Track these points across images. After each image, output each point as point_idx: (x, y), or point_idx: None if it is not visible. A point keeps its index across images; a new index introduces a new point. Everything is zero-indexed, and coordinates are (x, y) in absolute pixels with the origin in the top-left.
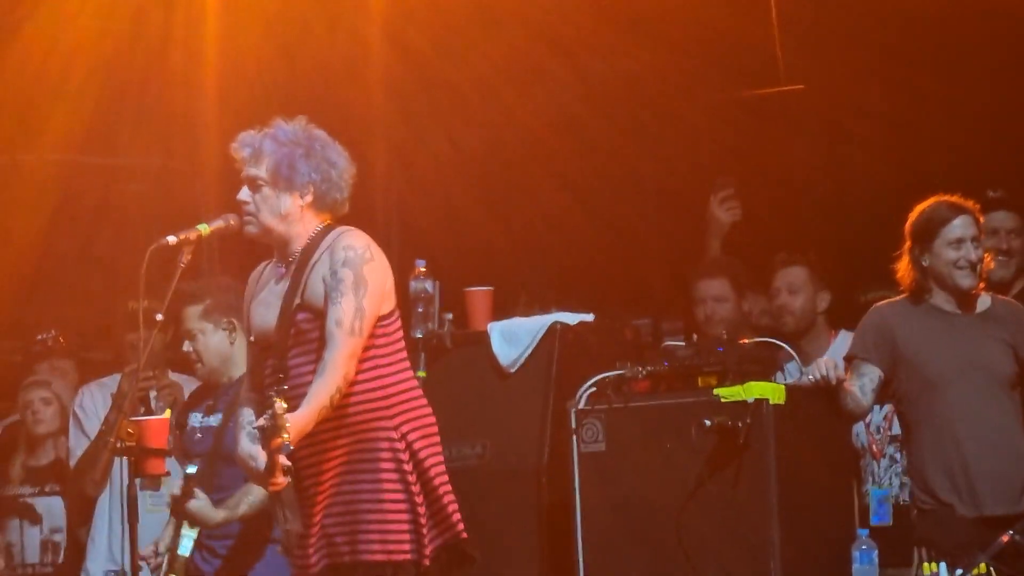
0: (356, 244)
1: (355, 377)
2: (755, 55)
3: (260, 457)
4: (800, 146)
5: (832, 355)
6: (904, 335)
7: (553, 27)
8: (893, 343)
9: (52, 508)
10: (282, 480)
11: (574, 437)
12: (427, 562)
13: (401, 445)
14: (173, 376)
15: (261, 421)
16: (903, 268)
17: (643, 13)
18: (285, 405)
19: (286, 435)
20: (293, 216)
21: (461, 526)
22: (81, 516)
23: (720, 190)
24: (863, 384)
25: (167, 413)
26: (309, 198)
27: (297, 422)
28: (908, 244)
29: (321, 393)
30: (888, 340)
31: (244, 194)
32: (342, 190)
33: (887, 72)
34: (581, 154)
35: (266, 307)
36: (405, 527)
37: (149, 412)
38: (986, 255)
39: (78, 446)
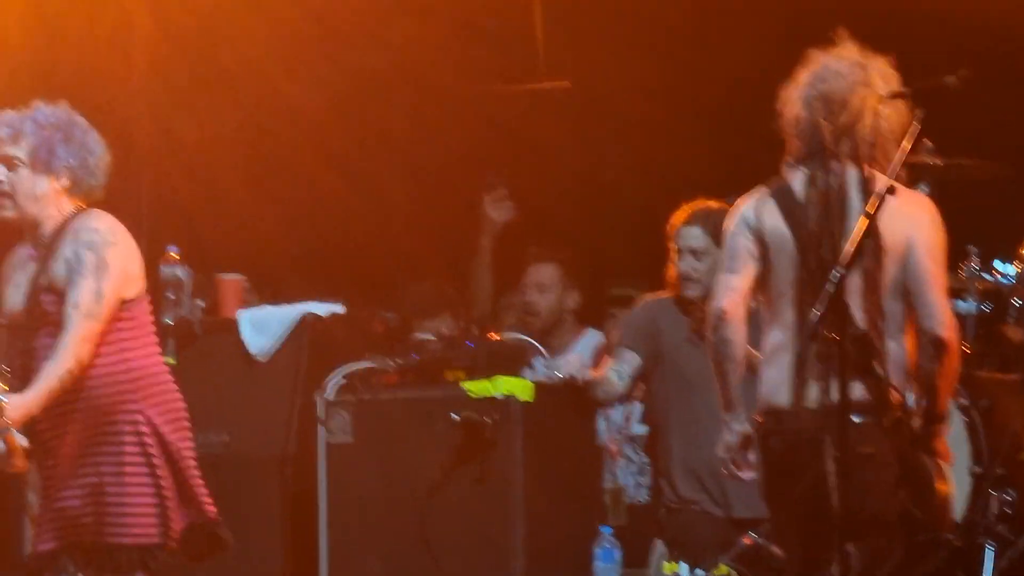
0: (100, 227)
1: (98, 360)
2: (518, 48)
3: None
4: (559, 142)
5: (579, 352)
6: (667, 331)
7: (319, 7)
8: (656, 336)
9: None
10: (21, 463)
11: (322, 428)
12: (174, 544)
13: (147, 428)
14: None
15: None
16: (669, 268)
17: (409, 3)
18: (3, 387)
19: (5, 416)
20: (47, 199)
21: (212, 508)
22: None
23: (493, 188)
24: (621, 369)
25: None
26: (65, 182)
27: (22, 404)
28: (670, 245)
29: (51, 375)
30: (652, 332)
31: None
32: (97, 177)
33: (648, 72)
34: (347, 141)
35: (15, 288)
36: (150, 509)
37: None
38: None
39: None
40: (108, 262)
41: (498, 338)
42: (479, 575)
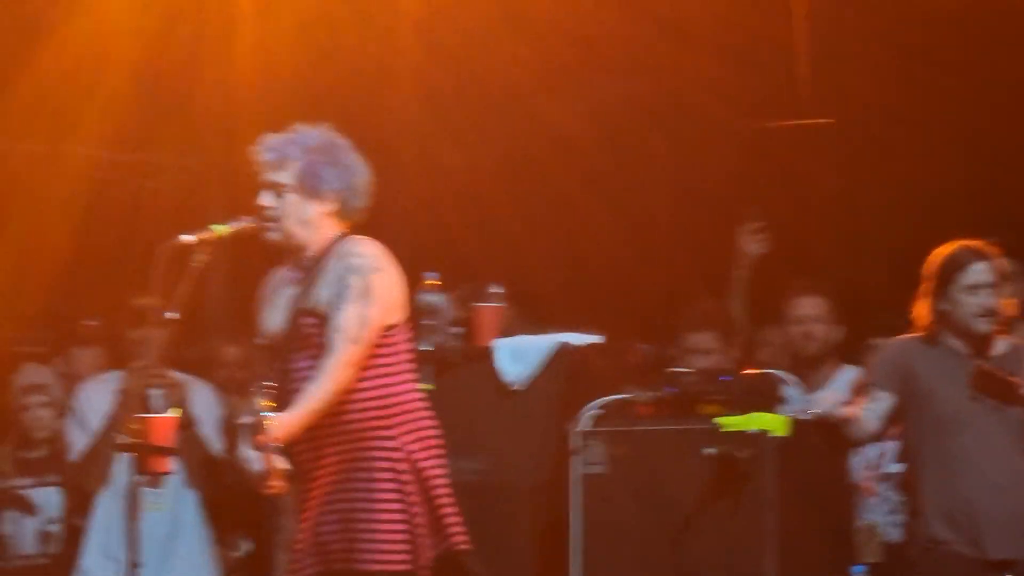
0: (366, 252)
1: (357, 385)
2: (779, 85)
3: (256, 459)
4: (820, 179)
5: (836, 388)
6: (920, 371)
7: (586, 32)
8: (908, 377)
9: (49, 499)
10: (280, 484)
11: (576, 458)
12: (423, 572)
13: (400, 455)
14: (176, 375)
15: (244, 419)
16: (920, 309)
17: (679, 26)
18: (267, 404)
19: (269, 434)
20: (315, 223)
21: (462, 537)
22: (79, 510)
23: (750, 221)
24: (875, 409)
25: (174, 411)
26: (331, 206)
27: (285, 423)
28: (926, 286)
29: (313, 397)
30: (904, 373)
31: (267, 199)
32: (361, 199)
33: (912, 109)
34: (611, 168)
35: (276, 310)
36: (400, 536)
37: (151, 410)
38: (1008, 301)
39: (77, 441)
40: (374, 288)
41: (754, 372)
42: None
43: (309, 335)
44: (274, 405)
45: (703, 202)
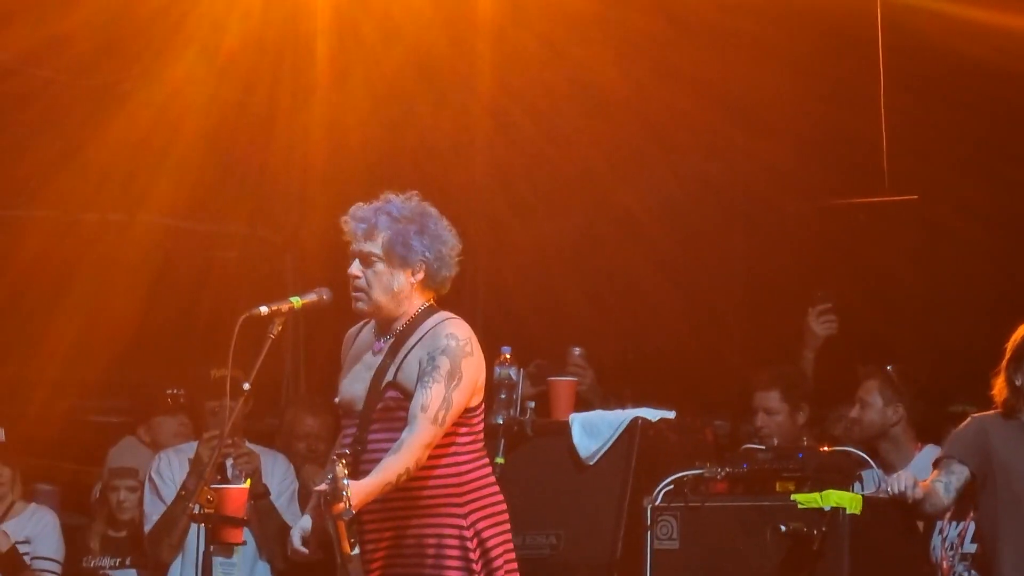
0: (459, 335)
1: (433, 462)
2: (860, 159)
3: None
4: (898, 255)
5: (915, 468)
6: (997, 446)
7: (658, 116)
8: (987, 452)
9: None
10: (348, 550)
11: (648, 533)
12: None
13: (469, 533)
14: (250, 446)
15: (322, 485)
16: (999, 384)
17: (749, 108)
18: (346, 471)
19: (347, 501)
20: (404, 293)
21: None
22: None
23: (818, 303)
24: (948, 482)
25: (247, 482)
26: (421, 275)
27: (359, 490)
28: (1005, 361)
29: (390, 469)
30: (983, 447)
31: (355, 268)
32: (451, 268)
33: (996, 185)
34: (678, 245)
35: (356, 376)
36: None
37: (225, 480)
38: None
39: (154, 511)
40: (462, 371)
41: (829, 449)
42: None
43: (391, 408)
44: (349, 473)
45: (775, 282)
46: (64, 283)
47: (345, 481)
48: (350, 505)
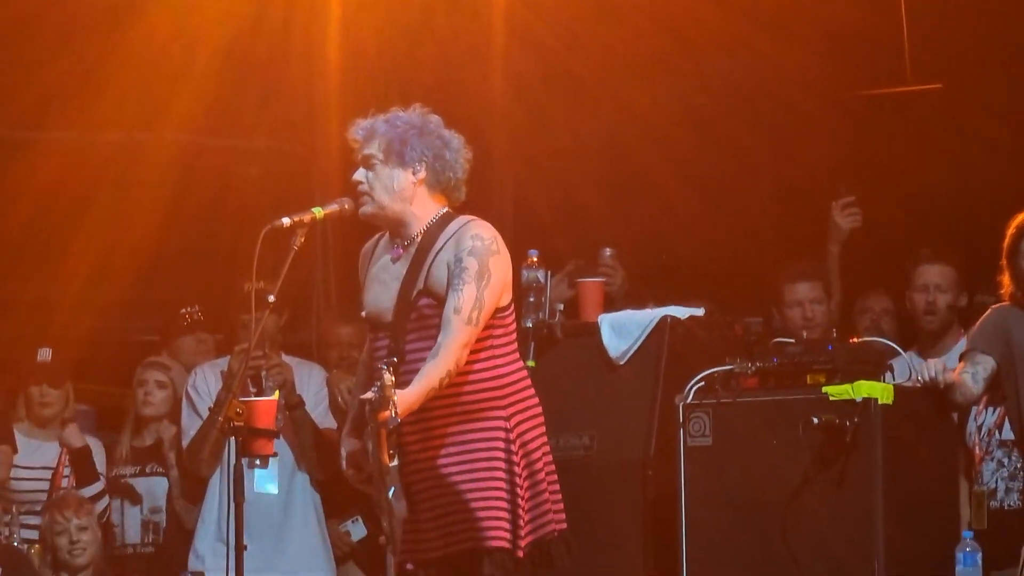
0: (484, 234)
1: (470, 366)
2: (882, 52)
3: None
4: (923, 147)
5: (953, 357)
6: (1016, 336)
7: (676, 20)
8: (1008, 341)
9: (153, 488)
10: (387, 460)
11: (681, 431)
12: (521, 554)
13: (513, 435)
14: (285, 358)
15: (369, 394)
16: (1004, 282)
17: (768, 7)
18: (393, 379)
19: (393, 409)
20: (406, 193)
21: (556, 522)
22: (194, 495)
23: (842, 196)
24: (976, 372)
25: (276, 394)
26: (422, 174)
27: (405, 398)
28: (1005, 258)
29: (432, 374)
30: (1003, 336)
31: (359, 174)
32: (455, 170)
33: (1020, 72)
34: (701, 148)
35: (381, 286)
36: (505, 515)
37: (260, 392)
38: None
39: (191, 426)
40: (490, 270)
41: (859, 341)
42: None
43: (425, 316)
44: (395, 381)
45: (800, 180)
46: (84, 204)
47: (393, 390)
48: (396, 413)
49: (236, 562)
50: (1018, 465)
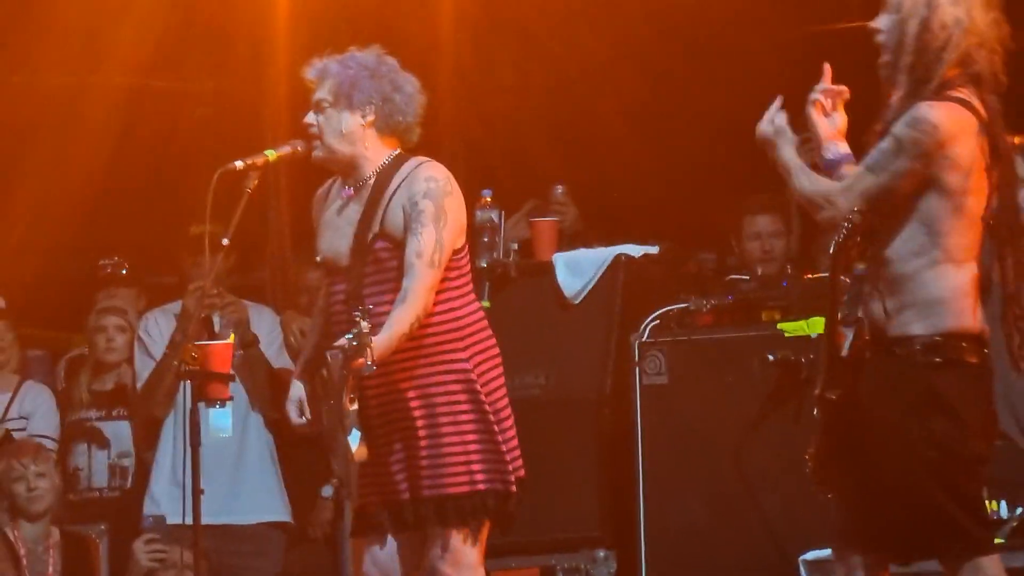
0: (438, 176)
1: (431, 308)
2: None
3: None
4: (874, 80)
5: None
6: None
7: None
8: None
9: (119, 432)
10: (351, 404)
11: (636, 369)
12: (513, 488)
13: (475, 375)
14: (235, 299)
15: (343, 341)
16: None
17: None
18: (370, 326)
19: (370, 356)
20: (355, 136)
21: (519, 466)
22: (148, 439)
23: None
24: None
25: (231, 337)
26: (371, 117)
27: (379, 345)
28: None
29: (403, 320)
30: None
31: (310, 117)
32: (406, 114)
33: None
34: (647, 86)
35: (335, 231)
36: (487, 455)
37: (213, 336)
38: None
39: (144, 369)
40: (447, 211)
41: (814, 277)
42: (795, 513)
43: (382, 259)
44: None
45: (751, 114)
46: (27, 147)
47: (370, 337)
48: (373, 360)
49: (193, 507)
50: None
